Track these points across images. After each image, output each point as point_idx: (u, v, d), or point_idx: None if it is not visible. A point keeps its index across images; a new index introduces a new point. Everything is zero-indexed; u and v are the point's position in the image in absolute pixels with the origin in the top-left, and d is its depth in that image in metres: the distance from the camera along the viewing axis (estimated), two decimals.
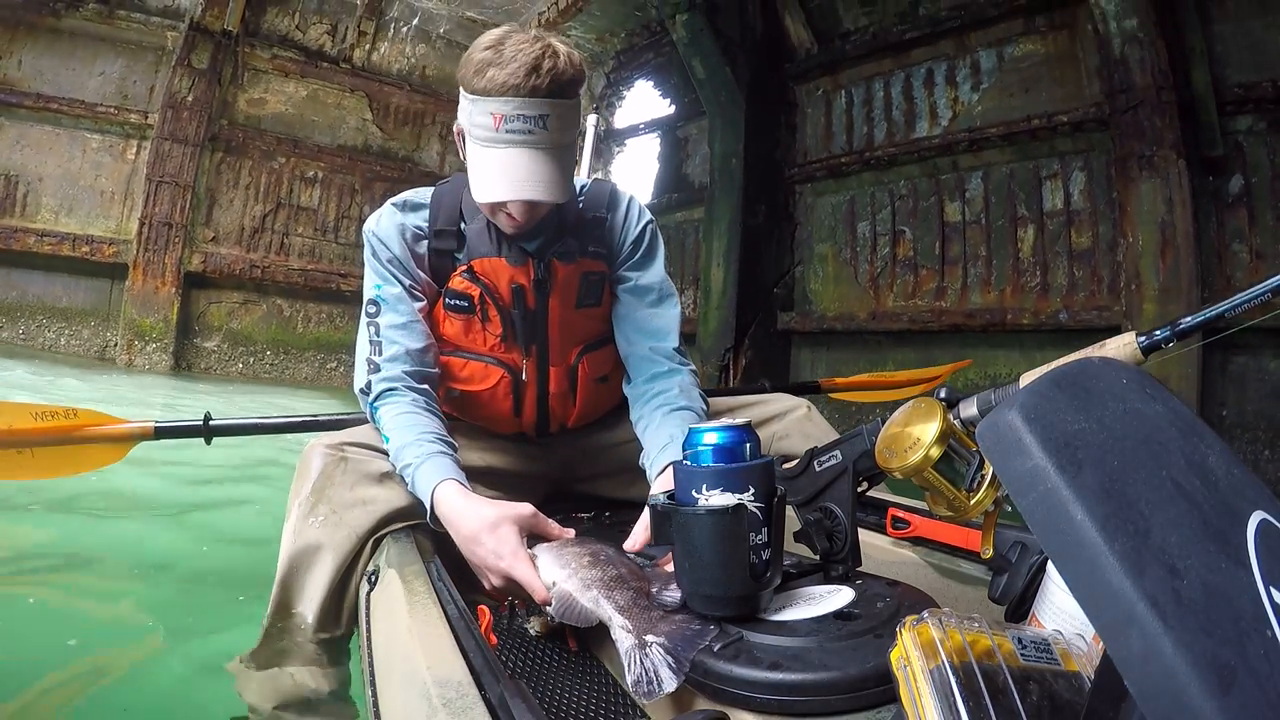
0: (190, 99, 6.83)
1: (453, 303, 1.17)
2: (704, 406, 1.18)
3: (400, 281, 1.17)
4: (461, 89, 1.10)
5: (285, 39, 7.56)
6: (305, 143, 7.64)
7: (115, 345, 6.77)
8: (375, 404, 1.13)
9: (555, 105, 1.04)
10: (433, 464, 1.03)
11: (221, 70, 7.00)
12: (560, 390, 1.25)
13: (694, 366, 1.24)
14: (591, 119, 2.46)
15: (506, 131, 1.04)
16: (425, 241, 1.19)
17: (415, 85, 8.27)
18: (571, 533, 0.97)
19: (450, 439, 1.09)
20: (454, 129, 1.17)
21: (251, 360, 7.44)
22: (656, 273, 1.28)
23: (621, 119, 9.06)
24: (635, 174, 9.46)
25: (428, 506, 1.01)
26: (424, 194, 1.22)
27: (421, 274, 1.19)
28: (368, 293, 1.19)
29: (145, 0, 6.93)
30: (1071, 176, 4.69)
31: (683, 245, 7.68)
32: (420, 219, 1.20)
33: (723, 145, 6.31)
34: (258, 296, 7.51)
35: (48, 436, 1.38)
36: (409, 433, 1.07)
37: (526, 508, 0.96)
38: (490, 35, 1.09)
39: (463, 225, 1.19)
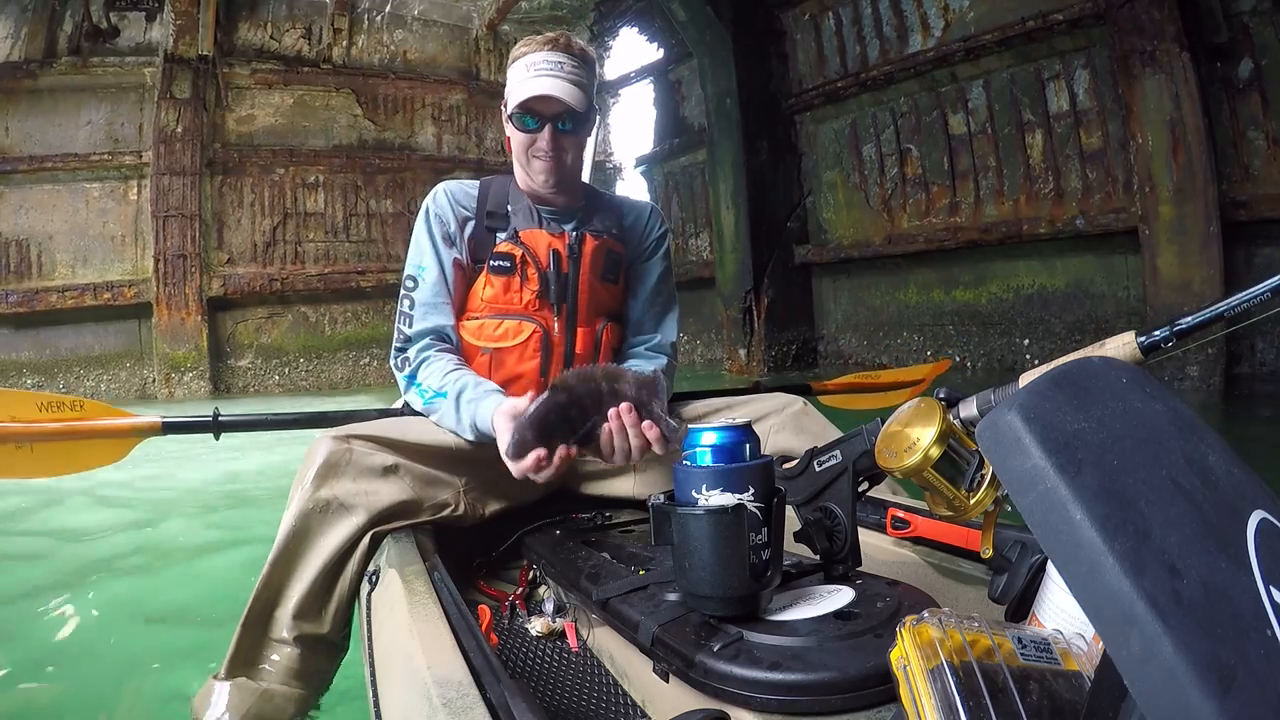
0: (180, 130, 6.87)
1: (497, 264, 1.29)
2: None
3: (444, 258, 1.30)
4: (508, 82, 1.31)
5: (262, 51, 7.55)
6: (301, 150, 7.66)
7: (153, 381, 6.92)
8: (415, 371, 1.24)
9: (571, 58, 1.27)
10: (490, 399, 1.13)
11: (205, 95, 7.02)
12: (585, 352, 1.34)
13: (677, 361, 1.45)
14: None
15: (535, 72, 1.25)
16: (472, 221, 1.34)
17: (399, 72, 8.23)
18: (523, 401, 1.02)
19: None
20: (504, 118, 1.34)
21: (287, 370, 7.56)
22: (670, 274, 1.48)
23: (611, 70, 8.99)
24: (632, 123, 9.48)
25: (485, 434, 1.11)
26: (474, 181, 1.40)
27: (464, 242, 1.33)
28: (409, 268, 1.31)
29: (116, 42, 6.95)
30: (1075, 75, 4.53)
31: (691, 190, 7.63)
32: (470, 200, 1.35)
33: (715, 85, 6.24)
34: (282, 308, 7.60)
35: (51, 431, 1.36)
36: (459, 383, 1.18)
37: (505, 405, 1.06)
38: None
39: (509, 207, 1.34)
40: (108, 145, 6.87)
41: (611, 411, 0.95)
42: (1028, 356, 5.01)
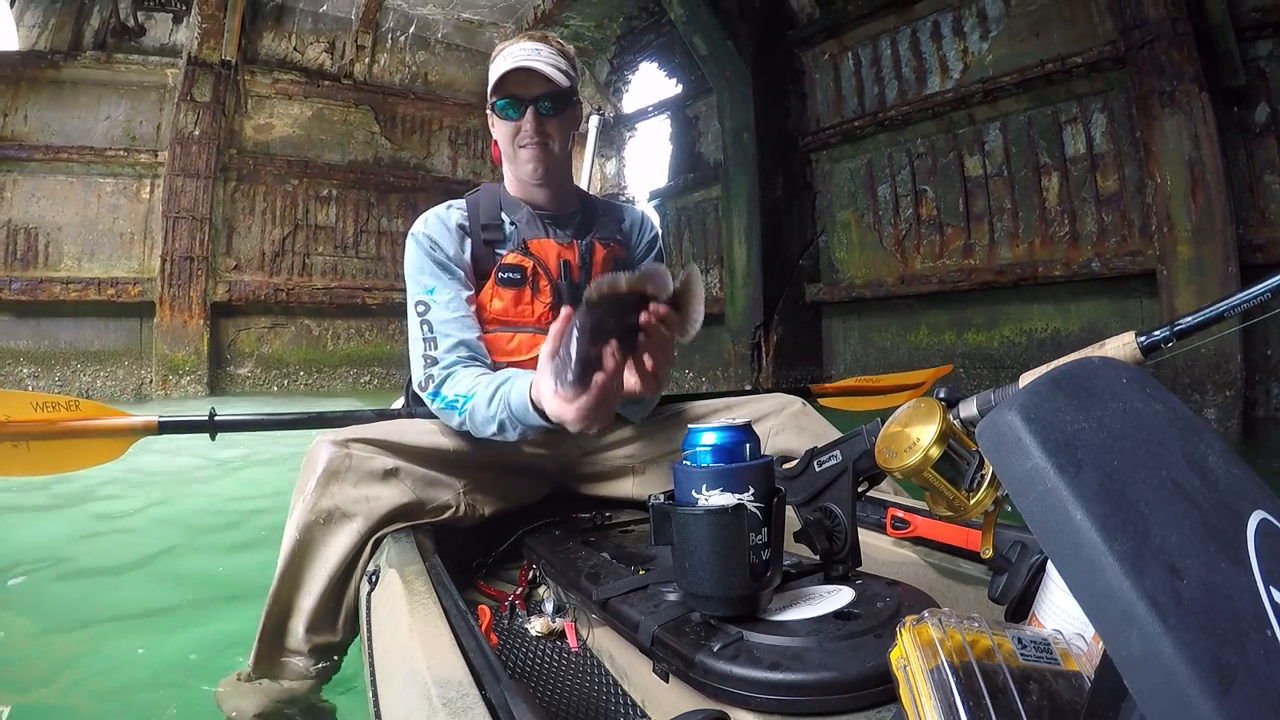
0: (197, 132, 6.93)
1: (506, 276, 1.26)
2: None
3: (451, 276, 1.25)
4: (489, 83, 1.28)
5: (284, 62, 7.64)
6: (316, 162, 7.70)
7: (150, 382, 6.91)
8: (439, 388, 1.18)
9: (548, 46, 1.26)
10: (523, 375, 1.07)
11: (225, 100, 7.09)
12: None
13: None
14: (594, 120, 2.46)
15: (511, 59, 1.23)
16: (469, 239, 1.29)
17: (419, 93, 8.32)
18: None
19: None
20: (490, 123, 1.33)
21: (285, 382, 7.55)
22: None
23: (629, 103, 9.06)
24: (648, 158, 9.47)
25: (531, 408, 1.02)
26: (458, 200, 1.35)
27: (466, 262, 1.28)
28: (415, 294, 1.25)
29: (141, 41, 7.05)
30: (1092, 119, 4.56)
31: (704, 225, 7.65)
32: (461, 217, 1.30)
33: (733, 120, 6.26)
34: (285, 319, 7.60)
35: (47, 430, 1.35)
36: (490, 378, 1.11)
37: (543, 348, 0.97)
38: None
39: (504, 217, 1.30)
40: (125, 142, 6.93)
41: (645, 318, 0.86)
42: None
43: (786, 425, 1.32)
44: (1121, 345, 0.83)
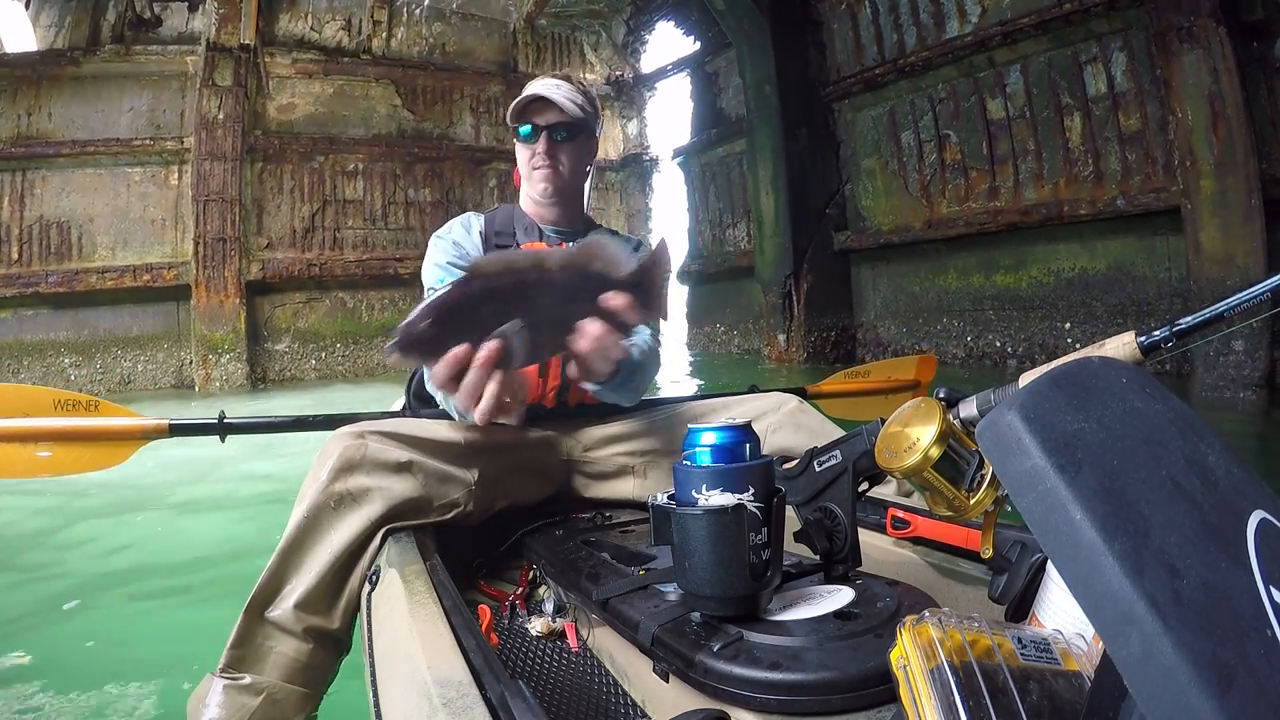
0: (221, 117, 6.98)
1: None
2: (644, 347, 1.29)
3: (460, 267, 1.33)
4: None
5: (302, 41, 7.66)
6: (340, 138, 7.73)
7: (190, 363, 7.01)
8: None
9: (569, 84, 1.41)
10: None
11: (246, 83, 7.13)
12: None
13: (659, 342, 1.44)
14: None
15: (533, 88, 1.39)
16: (484, 243, 1.43)
17: (438, 64, 8.31)
18: None
19: None
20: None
21: (323, 355, 7.62)
22: None
23: (648, 63, 9.08)
24: (669, 116, 9.56)
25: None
26: (478, 215, 1.50)
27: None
28: (427, 285, 1.34)
29: (159, 31, 7.11)
30: (1112, 58, 4.54)
31: (728, 180, 7.70)
32: (481, 225, 1.45)
33: (753, 74, 6.29)
34: (320, 293, 7.66)
35: (60, 433, 1.38)
36: None
37: None
38: None
39: (515, 228, 1.45)
40: (150, 131, 6.99)
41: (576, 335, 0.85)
42: (1069, 340, 5.00)
43: (784, 423, 1.32)
44: (1121, 345, 0.82)
